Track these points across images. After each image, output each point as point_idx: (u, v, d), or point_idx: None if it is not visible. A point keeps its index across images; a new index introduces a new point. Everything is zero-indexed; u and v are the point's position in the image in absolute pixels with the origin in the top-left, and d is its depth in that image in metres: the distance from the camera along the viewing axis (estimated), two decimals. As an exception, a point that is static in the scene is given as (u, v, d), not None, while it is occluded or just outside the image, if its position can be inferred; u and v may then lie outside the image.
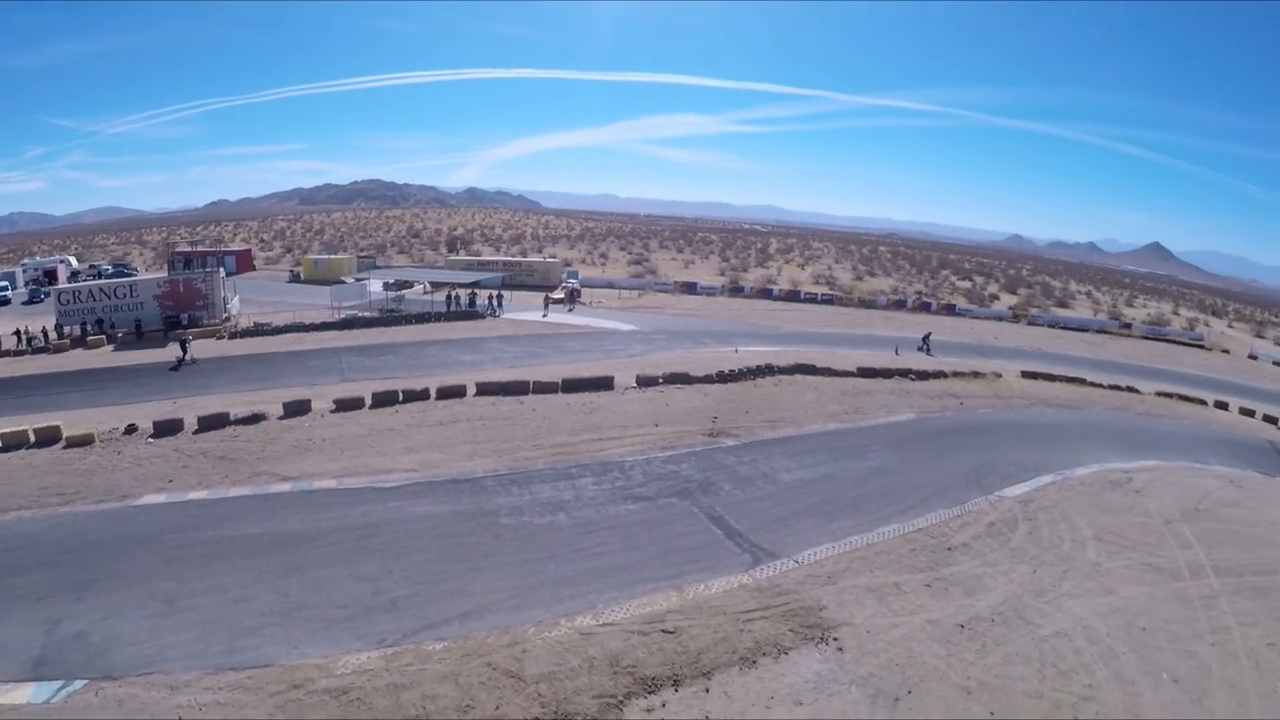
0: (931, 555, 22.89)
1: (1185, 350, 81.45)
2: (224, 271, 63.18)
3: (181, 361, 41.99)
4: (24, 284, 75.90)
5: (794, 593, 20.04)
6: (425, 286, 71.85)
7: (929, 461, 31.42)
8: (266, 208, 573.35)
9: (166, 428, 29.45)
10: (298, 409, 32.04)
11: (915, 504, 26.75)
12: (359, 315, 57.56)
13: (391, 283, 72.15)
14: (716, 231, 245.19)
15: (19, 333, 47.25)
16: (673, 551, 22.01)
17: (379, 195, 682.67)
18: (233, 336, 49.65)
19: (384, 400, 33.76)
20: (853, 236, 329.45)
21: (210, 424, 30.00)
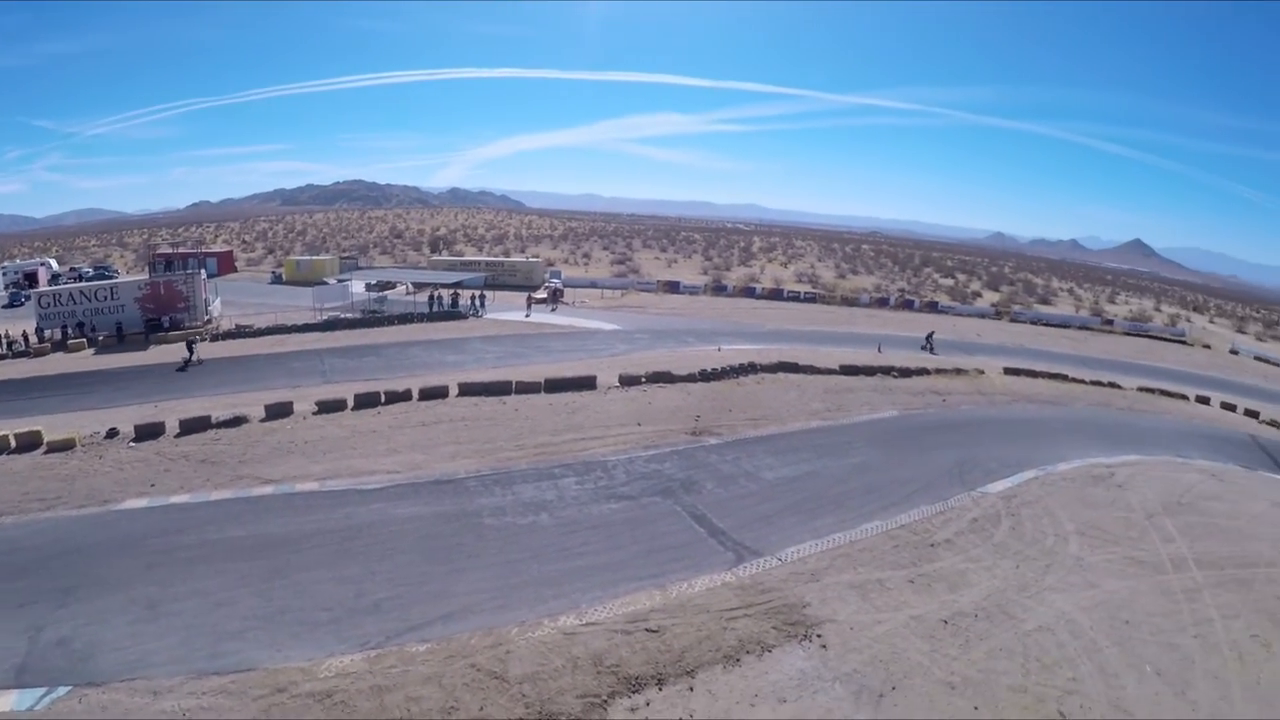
0: (914, 551, 23.02)
1: (1167, 346, 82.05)
2: (205, 273, 62.71)
3: (188, 362, 42.09)
4: (4, 287, 74.95)
5: (777, 590, 20.13)
6: (408, 287, 71.63)
7: (912, 458, 31.57)
8: (248, 209, 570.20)
9: (148, 431, 29.21)
10: (280, 411, 31.88)
11: (898, 500, 26.90)
12: (341, 316, 57.38)
13: (374, 283, 71.90)
14: (699, 231, 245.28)
15: (-1, 336, 46.70)
16: (656, 550, 22.05)
17: (362, 196, 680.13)
18: (214, 339, 49.30)
19: (366, 402, 33.65)
20: (836, 235, 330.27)
21: (192, 427, 29.81)
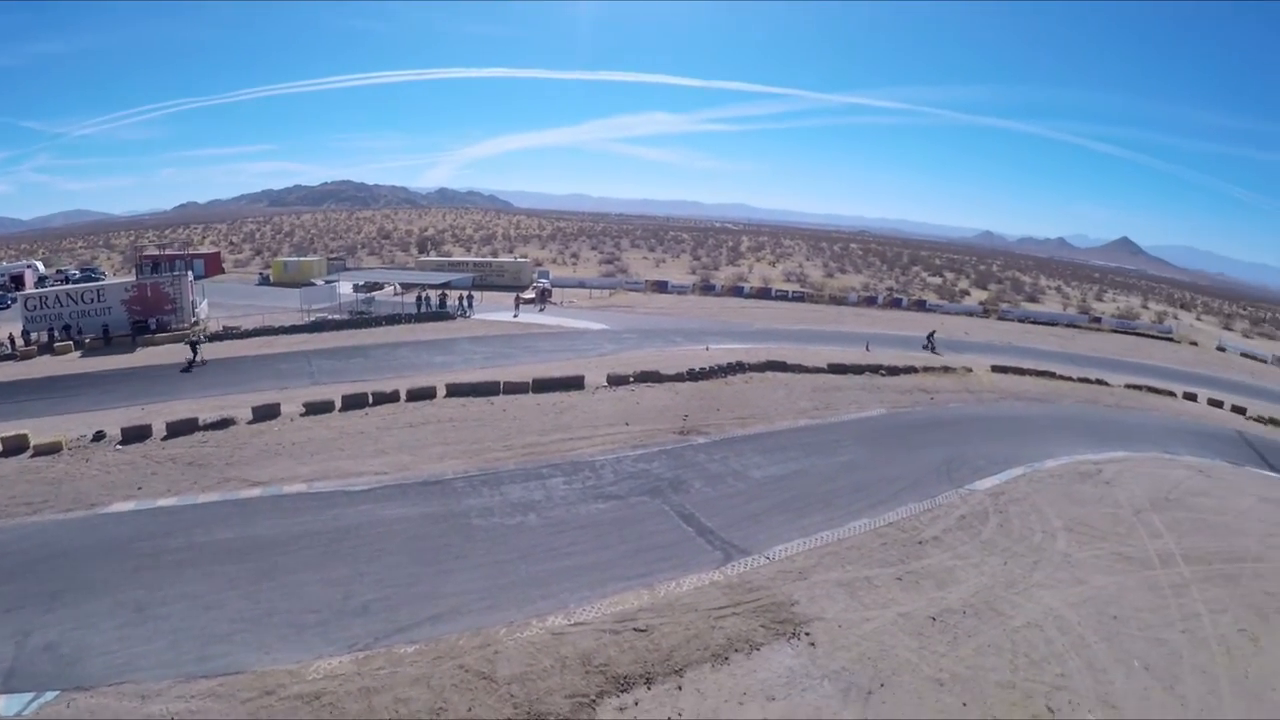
0: (902, 549, 23.07)
1: (1154, 343, 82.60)
2: (192, 275, 62.51)
3: (192, 363, 42.14)
4: None
5: (765, 589, 20.15)
6: (396, 288, 71.50)
7: (900, 456, 31.66)
8: (236, 210, 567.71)
9: (135, 434, 29.02)
10: (267, 413, 31.73)
11: (886, 498, 26.96)
12: (329, 318, 57.18)
13: (361, 284, 71.72)
14: (687, 230, 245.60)
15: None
16: (644, 550, 22.05)
17: (349, 196, 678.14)
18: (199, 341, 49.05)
19: (354, 403, 33.53)
20: (824, 234, 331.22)
21: (179, 430, 29.63)
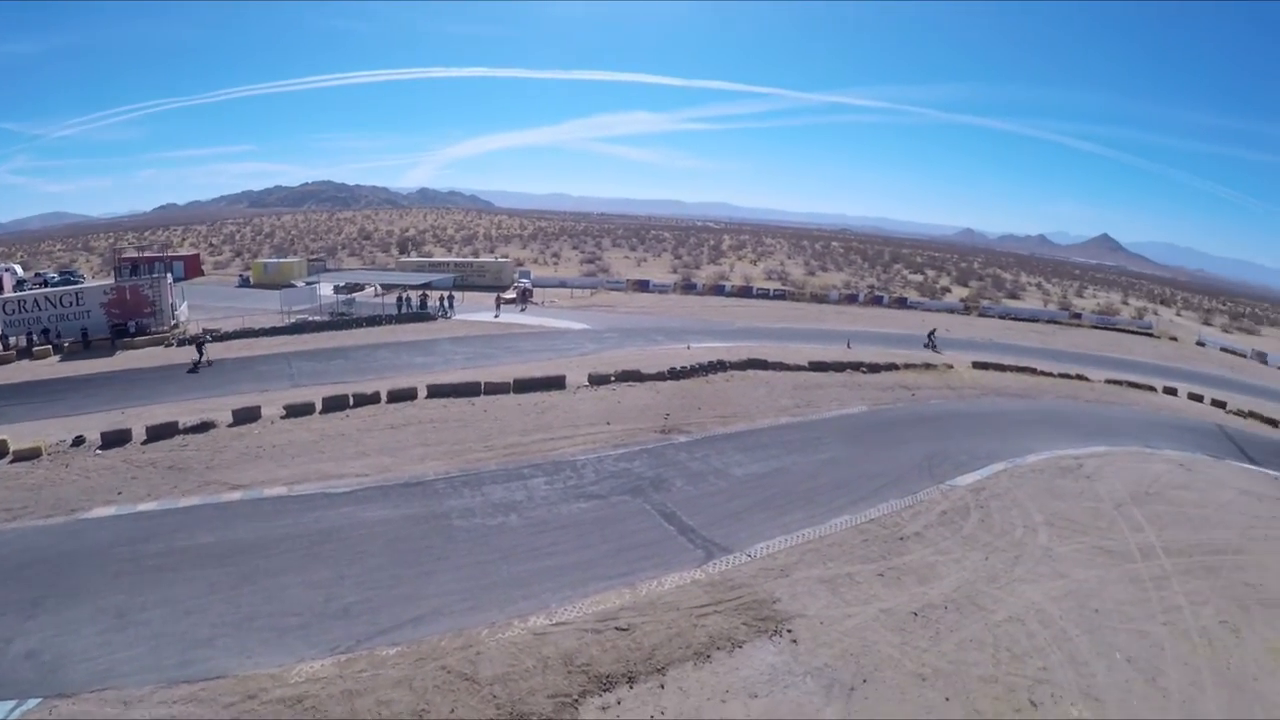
0: (884, 545, 23.20)
1: (1134, 338, 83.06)
2: (172, 277, 61.93)
3: (198, 364, 41.96)
4: None
5: (747, 586, 20.22)
6: (376, 289, 71.17)
7: (881, 453, 31.84)
8: (215, 211, 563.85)
9: (115, 439, 28.79)
10: (247, 416, 31.56)
11: (867, 495, 27.10)
12: (309, 319, 56.81)
13: (342, 286, 71.32)
14: (669, 229, 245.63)
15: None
16: (625, 549, 22.08)
17: (330, 197, 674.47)
18: (181, 344, 48.51)
19: (334, 405, 33.42)
20: (805, 232, 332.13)
21: (159, 434, 29.42)
